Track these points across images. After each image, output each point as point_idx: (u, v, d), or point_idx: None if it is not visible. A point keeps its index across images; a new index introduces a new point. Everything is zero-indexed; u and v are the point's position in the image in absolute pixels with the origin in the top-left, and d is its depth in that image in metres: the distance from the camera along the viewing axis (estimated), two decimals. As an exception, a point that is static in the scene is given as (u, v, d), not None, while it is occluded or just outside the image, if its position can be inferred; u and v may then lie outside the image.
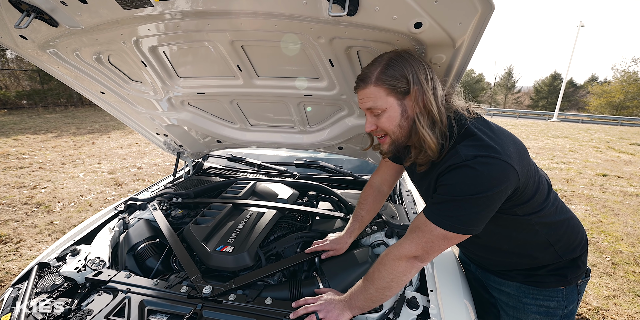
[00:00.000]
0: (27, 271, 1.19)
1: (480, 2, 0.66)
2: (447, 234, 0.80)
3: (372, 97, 0.84)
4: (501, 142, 0.78)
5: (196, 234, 1.28)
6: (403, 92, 0.81)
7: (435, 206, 0.82)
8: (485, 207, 0.77)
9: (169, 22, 1.00)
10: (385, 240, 1.34)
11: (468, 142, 0.79)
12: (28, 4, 0.87)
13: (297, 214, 1.54)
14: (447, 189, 0.80)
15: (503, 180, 0.75)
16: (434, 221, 0.80)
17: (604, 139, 10.79)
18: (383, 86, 0.82)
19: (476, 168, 0.74)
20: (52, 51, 1.17)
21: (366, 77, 0.84)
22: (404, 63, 0.80)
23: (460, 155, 0.77)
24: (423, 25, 0.76)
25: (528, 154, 0.87)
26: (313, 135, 1.74)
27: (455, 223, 0.78)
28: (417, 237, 0.84)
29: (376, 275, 0.90)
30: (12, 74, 16.61)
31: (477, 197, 0.75)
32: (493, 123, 0.87)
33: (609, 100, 25.58)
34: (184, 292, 1.03)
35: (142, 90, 1.48)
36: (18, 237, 3.07)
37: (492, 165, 0.74)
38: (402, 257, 0.86)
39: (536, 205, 0.90)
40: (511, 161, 0.75)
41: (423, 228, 0.83)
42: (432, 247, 0.83)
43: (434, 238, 0.81)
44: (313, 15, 0.82)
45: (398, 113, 0.84)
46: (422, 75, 0.80)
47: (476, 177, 0.75)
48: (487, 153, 0.75)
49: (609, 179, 5.69)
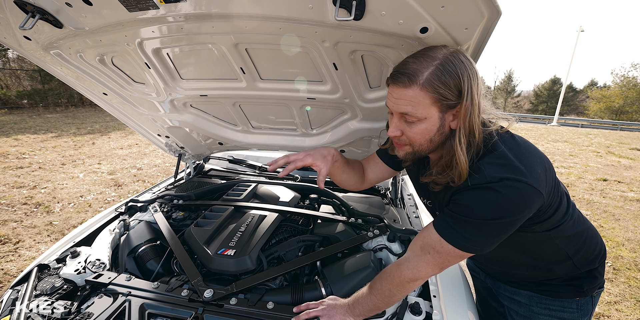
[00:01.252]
0: (27, 273, 1.18)
1: (487, 8, 0.66)
2: (463, 254, 0.77)
3: (413, 101, 0.70)
4: (528, 162, 0.71)
5: (197, 237, 1.27)
6: (450, 105, 0.70)
7: (451, 226, 0.76)
8: (505, 230, 0.74)
9: (173, 24, 1.00)
10: (387, 244, 1.33)
11: (493, 159, 0.72)
12: (33, 5, 0.87)
13: (298, 217, 1.54)
14: (465, 210, 0.73)
15: (528, 206, 0.71)
16: (453, 244, 0.75)
17: (603, 144, 10.80)
18: (431, 93, 0.68)
19: (501, 192, 0.68)
20: (55, 52, 1.17)
21: (413, 74, 0.68)
22: (462, 69, 0.67)
23: (485, 175, 0.70)
24: (429, 30, 0.76)
25: (554, 171, 0.81)
26: (315, 138, 1.73)
27: (473, 245, 0.75)
28: (433, 259, 0.79)
29: (387, 293, 0.87)
30: (13, 74, 16.63)
31: (498, 222, 0.71)
32: (519, 137, 0.80)
33: (609, 105, 25.66)
34: (185, 295, 1.02)
35: (145, 91, 1.48)
36: (17, 238, 3.06)
37: (518, 190, 0.68)
38: (418, 279, 0.83)
39: (556, 221, 0.85)
40: (538, 185, 0.70)
41: (439, 249, 0.78)
42: (447, 265, 0.80)
43: (450, 258, 0.78)
44: (319, 19, 0.82)
45: (435, 127, 0.73)
46: (476, 87, 0.69)
47: (500, 201, 0.69)
48: (514, 175, 0.68)
49: (609, 183, 5.69)
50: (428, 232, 0.82)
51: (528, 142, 0.80)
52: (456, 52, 0.70)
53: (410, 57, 0.72)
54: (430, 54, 0.69)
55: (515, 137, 0.80)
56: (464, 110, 0.69)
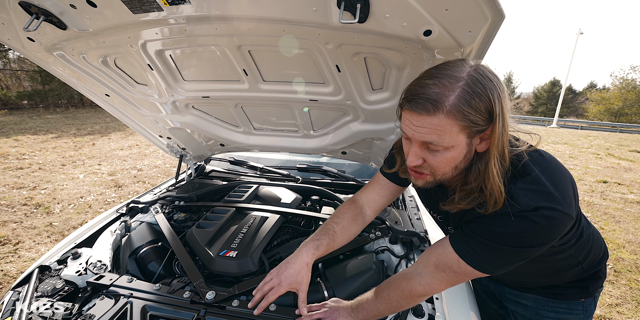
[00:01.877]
0: (28, 274, 1.18)
1: (491, 11, 0.66)
2: (480, 274, 0.74)
3: (438, 130, 0.61)
4: (562, 187, 0.66)
5: (199, 238, 1.27)
6: (480, 130, 0.62)
7: (473, 248, 0.72)
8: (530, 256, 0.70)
9: (176, 26, 1.00)
10: (389, 246, 1.33)
11: (526, 184, 0.66)
12: (37, 7, 0.87)
13: (300, 218, 1.53)
14: (493, 235, 0.69)
15: (560, 233, 0.69)
16: (471, 264, 0.72)
17: (603, 146, 10.82)
18: (459, 120, 0.59)
19: (537, 222, 0.63)
20: (59, 53, 1.18)
21: (438, 100, 0.59)
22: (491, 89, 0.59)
23: (520, 203, 0.64)
24: (432, 33, 0.77)
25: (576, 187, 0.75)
26: (317, 139, 1.74)
27: (494, 267, 0.72)
28: (448, 278, 0.77)
29: (394, 304, 0.85)
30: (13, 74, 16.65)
31: (528, 251, 0.68)
32: (547, 155, 0.74)
33: (608, 107, 25.72)
34: (187, 297, 1.01)
35: (147, 93, 1.48)
36: (17, 239, 3.05)
37: (554, 220, 0.64)
38: (429, 294, 0.81)
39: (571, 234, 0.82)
40: (571, 211, 0.66)
41: (456, 269, 0.74)
42: (459, 282, 0.79)
43: (466, 277, 0.76)
44: (322, 21, 0.82)
45: (462, 154, 0.65)
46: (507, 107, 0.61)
47: (535, 231, 0.65)
48: (550, 204, 0.63)
49: (609, 185, 5.69)
50: (444, 249, 0.77)
51: (556, 160, 0.75)
52: (480, 68, 0.61)
53: (428, 77, 0.62)
54: (453, 74, 0.60)
55: (545, 155, 0.74)
56: (496, 134, 0.61)
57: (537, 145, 0.72)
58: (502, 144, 0.64)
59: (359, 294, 1.08)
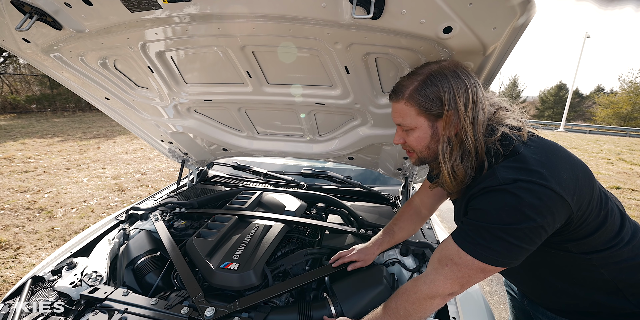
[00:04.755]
0: (20, 286, 1.13)
1: (521, 4, 0.60)
2: (485, 267, 0.70)
3: (402, 113, 0.79)
4: (551, 166, 0.67)
5: (199, 248, 1.20)
6: (436, 114, 0.75)
7: (468, 234, 0.72)
8: (526, 240, 0.67)
9: (177, 26, 0.95)
10: (400, 258, 1.25)
11: (508, 162, 0.69)
12: (31, 6, 0.83)
13: (305, 227, 1.46)
14: (480, 215, 0.70)
15: (547, 211, 0.65)
16: (470, 252, 0.70)
17: (614, 151, 10.60)
18: (414, 105, 0.76)
19: (516, 194, 0.64)
20: (56, 55, 1.13)
21: (399, 90, 0.78)
22: (443, 82, 0.72)
23: (498, 177, 0.68)
24: (453, 30, 0.70)
25: (592, 181, 0.73)
26: (323, 144, 1.67)
27: (493, 255, 0.68)
28: (451, 272, 0.73)
29: (402, 313, 0.80)
30: (23, 79, 16.96)
31: (516, 228, 0.65)
32: (551, 142, 0.76)
33: (616, 111, 25.35)
34: (185, 313, 0.95)
35: (148, 96, 1.43)
36: (18, 244, 3.02)
37: (534, 192, 0.64)
38: (436, 296, 0.76)
39: (598, 244, 0.76)
40: (559, 189, 0.64)
41: (457, 260, 0.72)
42: (468, 281, 0.73)
43: (470, 272, 0.71)
44: (332, 18, 0.76)
45: (428, 135, 0.79)
46: (462, 99, 0.72)
47: (515, 204, 0.65)
48: (529, 177, 0.65)
49: (622, 191, 5.53)
50: (446, 243, 0.77)
51: (560, 148, 0.75)
52: (444, 66, 0.74)
53: (404, 76, 0.80)
54: (418, 71, 0.77)
55: (545, 141, 0.75)
56: (447, 119, 0.73)
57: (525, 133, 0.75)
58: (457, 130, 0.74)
59: (368, 311, 1.01)
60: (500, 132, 0.73)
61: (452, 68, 0.74)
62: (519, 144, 0.72)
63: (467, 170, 0.75)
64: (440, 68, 0.74)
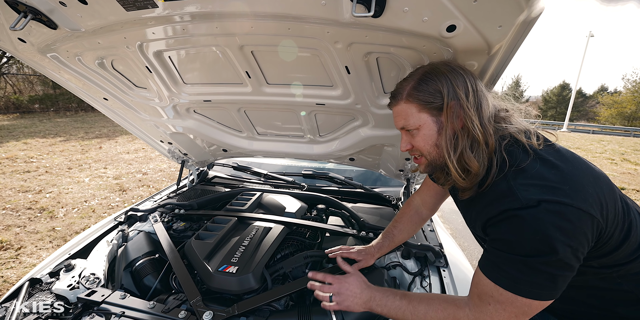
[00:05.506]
0: (17, 288, 1.11)
1: (528, 1, 0.57)
2: (532, 303, 0.63)
3: (403, 114, 0.77)
4: (573, 181, 0.61)
5: (198, 251, 1.19)
6: (438, 107, 0.72)
7: (499, 266, 0.65)
8: (568, 267, 0.61)
9: (174, 25, 0.93)
10: (401, 261, 1.23)
11: (527, 179, 0.63)
12: (25, 5, 0.81)
13: (305, 229, 1.44)
14: (509, 246, 0.63)
15: (580, 233, 0.59)
16: (511, 290, 0.63)
17: (618, 151, 10.51)
18: (414, 102, 0.74)
19: (543, 219, 0.58)
20: (52, 55, 1.12)
21: (397, 93, 0.78)
22: (439, 76, 0.71)
23: (519, 198, 0.61)
24: (457, 28, 0.68)
25: (614, 191, 0.68)
26: (323, 145, 1.65)
27: (536, 288, 0.62)
28: (497, 312, 0.66)
29: None
30: (26, 79, 17.04)
31: (555, 259, 0.59)
32: (567, 151, 0.70)
33: (620, 111, 25.15)
34: (182, 317, 0.94)
35: (147, 96, 1.42)
36: (19, 244, 3.02)
37: (562, 215, 0.58)
38: None
39: (621, 257, 0.71)
40: (587, 207, 0.59)
41: (498, 298, 0.65)
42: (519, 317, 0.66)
43: (518, 310, 0.64)
44: (332, 17, 0.74)
45: (434, 131, 0.75)
46: (462, 89, 0.70)
47: (546, 231, 0.58)
48: (555, 197, 0.58)
49: (627, 192, 5.47)
50: (479, 277, 0.70)
51: (578, 157, 0.69)
52: (437, 64, 0.75)
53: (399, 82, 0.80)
54: (413, 73, 0.78)
55: (562, 151, 0.69)
56: (450, 109, 0.71)
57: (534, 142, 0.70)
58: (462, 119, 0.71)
59: (368, 317, 0.98)
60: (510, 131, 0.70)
61: (446, 64, 0.74)
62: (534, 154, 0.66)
63: (480, 161, 0.69)
64: (433, 66, 0.75)
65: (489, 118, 0.71)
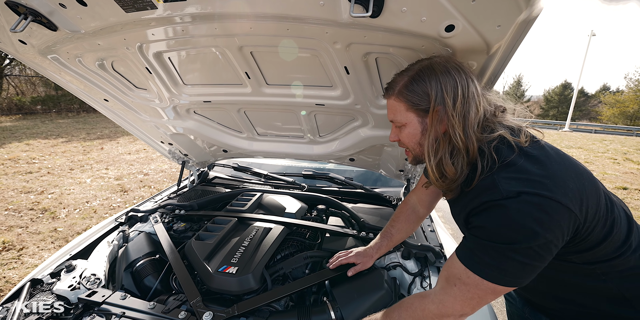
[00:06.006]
0: (19, 288, 1.12)
1: (526, 1, 0.57)
2: (496, 288, 0.66)
3: (393, 109, 0.80)
4: (555, 176, 0.63)
5: (198, 252, 1.19)
6: (424, 110, 0.74)
7: (475, 253, 0.68)
8: (537, 257, 0.63)
9: (174, 26, 0.93)
10: (401, 262, 1.23)
11: (510, 173, 0.65)
12: (25, 7, 0.82)
13: (305, 230, 1.44)
14: (485, 233, 0.66)
15: (556, 226, 0.61)
16: (478, 273, 0.66)
17: (620, 150, 10.46)
18: (403, 101, 0.76)
19: (521, 209, 0.60)
20: (53, 57, 1.12)
21: (391, 86, 0.79)
22: (431, 77, 0.71)
23: (500, 190, 0.63)
24: (456, 28, 0.68)
25: (598, 188, 0.70)
26: (323, 145, 1.65)
27: (504, 275, 0.64)
28: (460, 292, 0.69)
29: None
30: (28, 80, 17.13)
31: (525, 247, 0.61)
32: (552, 148, 0.72)
33: (623, 110, 25.04)
34: (183, 318, 0.94)
35: (147, 97, 1.42)
36: (21, 244, 3.03)
37: (540, 206, 0.60)
38: (445, 316, 0.72)
39: (603, 254, 0.72)
40: (567, 201, 0.61)
41: (465, 280, 0.68)
42: (479, 302, 0.69)
43: (481, 293, 0.67)
44: (330, 17, 0.74)
45: (418, 131, 0.78)
46: (450, 94, 0.69)
47: (521, 220, 0.61)
48: (534, 190, 0.61)
49: (629, 192, 5.44)
50: (452, 261, 0.73)
51: (563, 154, 0.71)
52: (434, 62, 0.73)
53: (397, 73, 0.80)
54: (410, 67, 0.77)
55: (546, 148, 0.71)
56: (434, 115, 0.72)
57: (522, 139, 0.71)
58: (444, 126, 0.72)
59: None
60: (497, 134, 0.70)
61: (443, 63, 0.72)
62: (518, 151, 0.68)
63: (457, 168, 0.71)
64: (430, 64, 0.73)
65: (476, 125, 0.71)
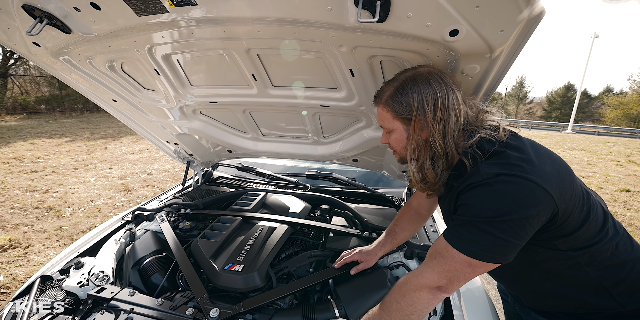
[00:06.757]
0: (29, 285, 1.14)
1: (529, 6, 0.59)
2: (471, 261, 0.70)
3: (381, 116, 0.87)
4: (532, 160, 0.69)
5: (204, 250, 1.21)
6: (408, 119, 0.81)
7: (456, 229, 0.74)
8: (511, 233, 0.67)
9: (183, 29, 0.96)
10: (404, 261, 1.25)
11: (492, 160, 0.72)
12: (41, 10, 0.84)
13: (309, 229, 1.46)
14: (466, 210, 0.72)
15: (531, 204, 0.65)
16: (454, 245, 0.72)
17: (623, 152, 10.42)
18: (389, 111, 0.83)
19: (498, 187, 0.66)
20: (65, 58, 1.15)
21: (379, 96, 0.86)
22: (414, 88, 0.77)
23: (482, 173, 0.69)
24: (459, 33, 0.70)
25: (573, 176, 0.75)
26: (327, 146, 1.67)
27: (478, 249, 0.69)
28: (438, 264, 0.75)
29: (394, 306, 0.80)
30: (33, 80, 17.25)
31: (500, 220, 0.66)
32: (530, 141, 0.77)
33: (626, 112, 24.89)
34: (190, 314, 0.96)
35: (155, 98, 1.44)
36: (27, 242, 3.07)
37: (516, 185, 0.65)
38: (423, 287, 0.76)
39: (584, 239, 0.77)
40: (542, 182, 0.66)
41: (444, 253, 0.74)
42: (456, 276, 0.73)
43: (457, 265, 0.72)
44: (337, 22, 0.76)
45: (404, 137, 0.85)
46: (431, 105, 0.76)
47: (498, 197, 0.66)
48: (511, 171, 0.67)
49: (632, 195, 5.42)
50: (438, 239, 0.79)
51: (538, 144, 0.77)
52: (418, 73, 0.79)
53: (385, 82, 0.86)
54: (397, 77, 0.83)
55: (524, 140, 0.77)
56: (416, 124, 0.79)
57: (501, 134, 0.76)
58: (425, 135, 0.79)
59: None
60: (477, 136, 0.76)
61: (426, 75, 0.78)
62: (499, 144, 0.74)
63: (437, 173, 0.79)
64: (414, 75, 0.79)
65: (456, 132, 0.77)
